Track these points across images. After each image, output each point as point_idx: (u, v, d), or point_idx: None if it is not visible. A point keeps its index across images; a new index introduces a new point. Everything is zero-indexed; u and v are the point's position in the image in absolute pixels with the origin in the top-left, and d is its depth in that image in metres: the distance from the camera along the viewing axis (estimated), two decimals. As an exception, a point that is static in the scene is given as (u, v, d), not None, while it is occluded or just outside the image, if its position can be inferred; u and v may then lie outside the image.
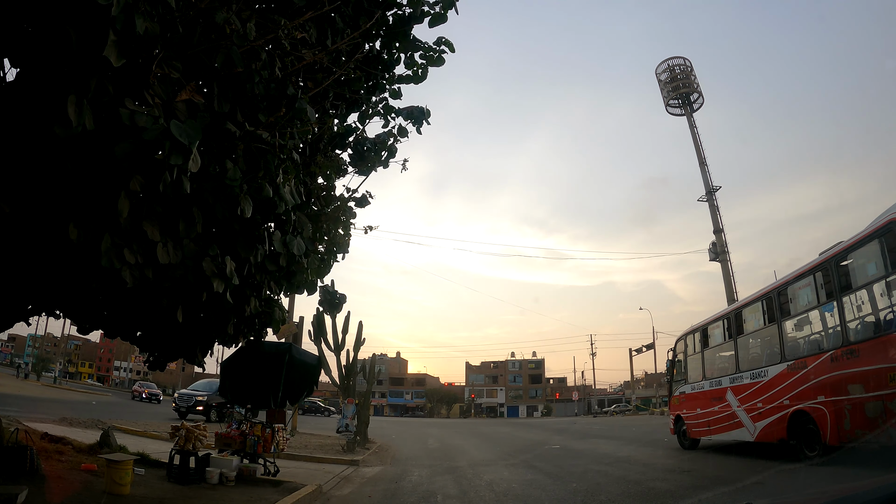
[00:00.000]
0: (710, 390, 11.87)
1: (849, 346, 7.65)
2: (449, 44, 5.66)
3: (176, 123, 2.49)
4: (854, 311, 7.85)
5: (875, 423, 6.98)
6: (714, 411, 11.47)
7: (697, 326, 13.58)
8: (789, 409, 8.76)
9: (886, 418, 6.78)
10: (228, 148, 3.10)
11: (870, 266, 7.62)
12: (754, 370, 10.21)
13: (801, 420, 8.46)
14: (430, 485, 8.97)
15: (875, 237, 7.37)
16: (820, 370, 8.16)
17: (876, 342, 7.21)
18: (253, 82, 3.16)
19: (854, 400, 7.36)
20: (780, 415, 9.03)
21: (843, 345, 7.76)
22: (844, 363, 7.69)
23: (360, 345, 17.93)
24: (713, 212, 41.15)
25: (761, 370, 9.93)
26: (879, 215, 7.48)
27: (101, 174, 2.70)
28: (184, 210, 3.11)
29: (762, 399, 9.63)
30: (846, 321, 7.85)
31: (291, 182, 3.75)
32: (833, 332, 8.20)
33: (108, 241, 2.75)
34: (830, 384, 7.87)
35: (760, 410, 9.67)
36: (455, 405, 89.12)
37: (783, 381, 9.08)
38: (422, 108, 6.35)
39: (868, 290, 7.59)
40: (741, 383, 10.55)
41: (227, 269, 3.36)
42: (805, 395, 8.43)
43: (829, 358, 8.00)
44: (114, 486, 6.04)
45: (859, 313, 7.77)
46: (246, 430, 8.61)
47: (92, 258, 2.75)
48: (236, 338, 5.52)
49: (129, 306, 3.99)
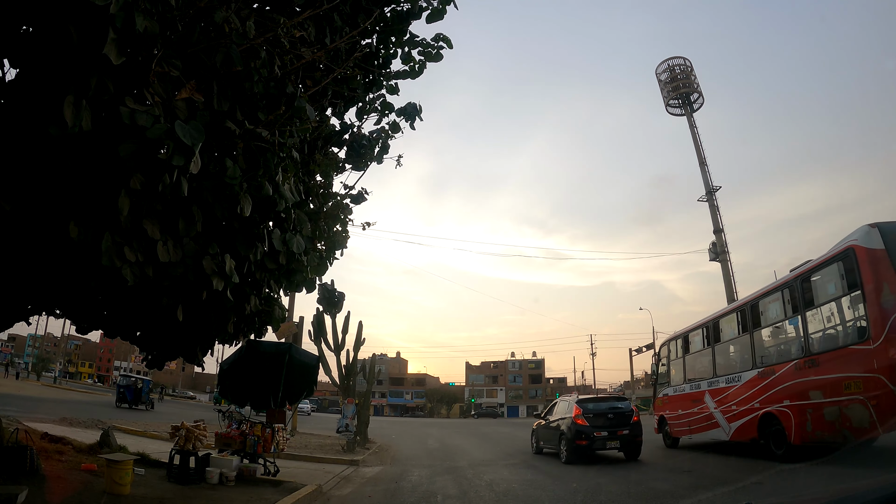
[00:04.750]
0: (691, 393, 12.66)
1: (811, 356, 8.43)
2: (447, 40, 5.65)
3: (180, 124, 2.49)
4: (815, 325, 8.64)
5: (832, 426, 7.75)
6: (694, 412, 12.23)
7: (679, 333, 14.39)
8: (759, 411, 9.45)
9: (842, 422, 7.53)
10: (228, 146, 3.10)
11: (830, 286, 8.45)
12: (729, 375, 10.99)
13: (770, 421, 9.15)
14: (431, 485, 8.96)
15: (836, 260, 8.13)
16: (786, 377, 8.91)
17: (834, 354, 7.94)
18: (252, 81, 3.15)
19: (814, 405, 8.09)
20: (751, 416, 9.73)
21: (806, 355, 8.54)
22: (807, 372, 8.43)
23: (360, 345, 17.95)
24: (713, 212, 41.11)
25: (735, 375, 10.74)
26: (841, 240, 8.16)
27: (101, 173, 2.70)
28: (184, 209, 3.11)
29: (736, 402, 10.40)
30: (809, 334, 8.65)
31: (291, 180, 3.74)
32: (797, 343, 8.97)
33: (109, 239, 2.74)
34: (795, 390, 8.60)
35: (735, 412, 10.40)
36: (455, 405, 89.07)
37: (754, 385, 9.85)
38: (414, 105, 6.36)
39: (828, 307, 8.45)
40: (718, 387, 11.31)
41: (227, 267, 3.36)
42: (773, 399, 9.14)
43: (794, 367, 8.74)
44: (114, 486, 6.04)
45: (820, 327, 8.56)
46: (246, 430, 8.61)
47: (92, 256, 2.75)
48: (236, 336, 5.52)
49: (130, 305, 3.99)
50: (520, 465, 11.56)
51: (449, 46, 5.72)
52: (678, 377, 13.92)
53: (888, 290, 7.06)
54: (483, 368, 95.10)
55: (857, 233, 7.79)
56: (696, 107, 46.03)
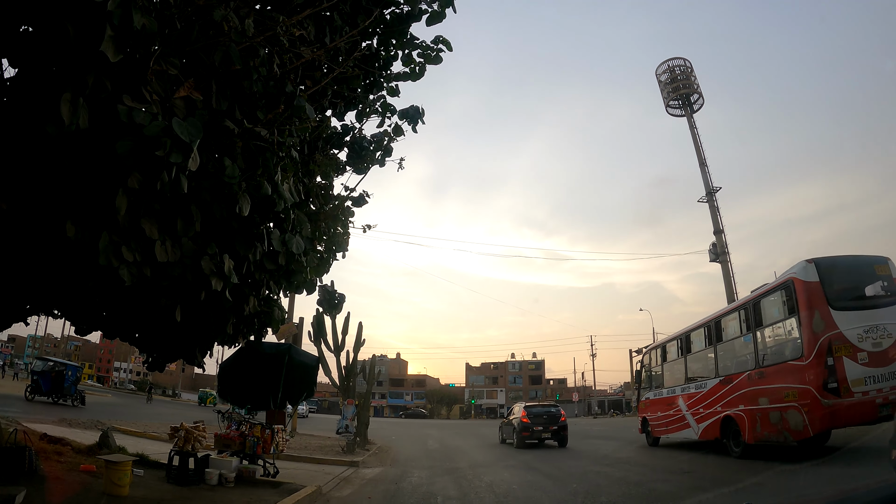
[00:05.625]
0: (667, 397, 14.29)
1: (759, 368, 9.90)
2: (447, 42, 5.64)
3: (178, 121, 2.47)
4: (764, 342, 10.17)
5: (776, 428, 9.09)
6: (670, 414, 13.82)
7: (659, 343, 16.34)
8: (721, 414, 10.88)
9: (783, 425, 8.92)
10: (227, 145, 3.08)
11: (775, 310, 9.95)
12: (698, 382, 12.55)
13: (729, 423, 10.58)
14: (431, 486, 8.94)
15: (779, 289, 9.67)
16: (741, 385, 10.36)
17: (777, 367, 9.36)
18: (251, 80, 3.13)
19: (762, 410, 9.49)
20: (715, 418, 11.16)
21: (756, 367, 10.03)
22: (756, 381, 9.86)
23: (360, 346, 17.91)
24: (713, 212, 41.08)
25: (702, 382, 12.28)
26: (785, 271, 9.61)
27: (99, 171, 2.68)
28: (182, 208, 3.09)
29: (703, 405, 11.89)
30: (758, 350, 10.16)
31: (290, 180, 3.72)
32: (751, 356, 10.40)
33: (106, 238, 2.72)
34: (748, 397, 10.02)
35: (702, 414, 11.88)
36: (455, 406, 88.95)
37: (717, 391, 11.34)
38: (417, 108, 6.35)
39: (773, 328, 10.02)
40: (689, 392, 12.83)
41: (226, 268, 3.33)
42: (732, 403, 10.56)
43: (748, 377, 10.19)
44: (112, 487, 6.02)
45: (767, 344, 10.08)
46: (245, 431, 8.59)
47: (90, 256, 2.73)
48: (236, 338, 5.49)
49: (128, 306, 3.96)
50: (520, 466, 11.53)
51: (448, 49, 5.71)
52: (657, 382, 15.56)
53: (818, 317, 8.55)
54: (483, 369, 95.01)
55: (796, 267, 9.25)
56: (696, 107, 46.01)
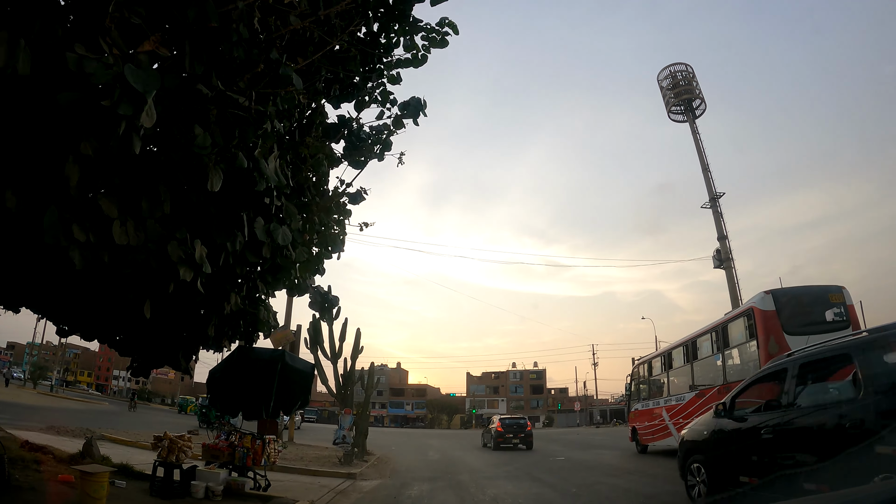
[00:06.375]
0: (653, 408, 15.77)
1: (726, 384, 11.01)
2: (453, 25, 5.29)
3: (130, 67, 2.08)
4: (730, 361, 11.79)
5: None
6: (655, 424, 15.24)
7: (645, 358, 18.07)
8: None
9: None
10: (199, 112, 2.69)
11: (739, 334, 11.49)
12: (678, 395, 14.09)
13: None
14: (431, 500, 8.48)
15: (742, 316, 11.37)
16: (712, 399, 11.11)
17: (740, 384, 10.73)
18: (230, 42, 2.76)
19: None
20: None
21: (724, 383, 11.30)
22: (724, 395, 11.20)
23: (359, 353, 17.38)
24: (717, 218, 40.64)
25: (681, 395, 13.81)
26: (748, 300, 11.34)
27: (47, 133, 2.28)
28: (149, 186, 2.70)
29: (682, 416, 13.09)
30: (726, 368, 11.78)
31: (276, 160, 3.33)
32: (720, 373, 11.95)
33: (55, 213, 2.32)
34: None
35: (681, 424, 12.64)
36: (456, 416, 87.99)
37: (693, 404, 12.69)
38: (419, 99, 6.01)
39: (737, 350, 11.62)
40: (670, 404, 14.33)
41: (197, 255, 2.91)
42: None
43: (717, 391, 11.29)
44: (87, 499, 5.57)
45: (732, 363, 11.67)
46: (235, 442, 8.14)
47: (34, 233, 2.34)
48: (220, 340, 5.08)
49: (89, 298, 3.55)
50: (524, 477, 11.05)
51: (455, 32, 5.35)
52: (645, 394, 17.16)
53: (773, 341, 9.98)
54: (484, 379, 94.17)
55: (756, 297, 10.83)
56: (699, 113, 45.76)
